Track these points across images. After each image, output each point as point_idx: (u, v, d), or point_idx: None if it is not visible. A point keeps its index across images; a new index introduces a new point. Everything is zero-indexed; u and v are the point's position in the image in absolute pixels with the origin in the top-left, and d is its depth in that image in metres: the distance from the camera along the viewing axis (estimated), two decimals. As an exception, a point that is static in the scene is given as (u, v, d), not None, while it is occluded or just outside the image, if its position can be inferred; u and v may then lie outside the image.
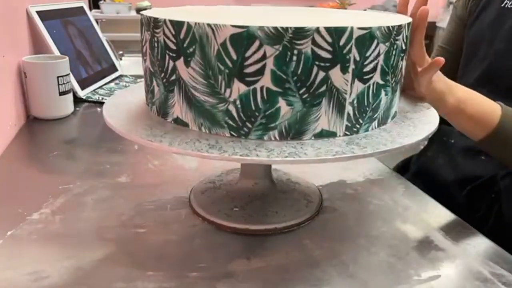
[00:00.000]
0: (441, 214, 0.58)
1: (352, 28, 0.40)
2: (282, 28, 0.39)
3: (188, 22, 0.41)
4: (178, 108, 0.46)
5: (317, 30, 0.39)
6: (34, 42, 0.97)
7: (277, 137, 0.43)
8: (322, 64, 0.41)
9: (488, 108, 0.60)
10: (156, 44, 0.45)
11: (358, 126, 0.45)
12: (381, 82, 0.45)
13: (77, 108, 0.93)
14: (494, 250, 0.50)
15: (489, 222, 0.68)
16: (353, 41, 0.41)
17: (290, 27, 0.39)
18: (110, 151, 0.72)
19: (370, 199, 0.60)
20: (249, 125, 0.43)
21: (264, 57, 0.40)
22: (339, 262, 0.47)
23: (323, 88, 0.42)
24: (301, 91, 0.41)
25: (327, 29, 0.40)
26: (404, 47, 0.47)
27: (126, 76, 1.20)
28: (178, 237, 0.51)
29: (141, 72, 0.52)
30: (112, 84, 1.11)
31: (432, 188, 0.66)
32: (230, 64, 0.41)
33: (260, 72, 0.40)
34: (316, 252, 0.49)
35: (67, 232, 0.51)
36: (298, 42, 0.39)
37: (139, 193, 0.60)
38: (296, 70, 0.41)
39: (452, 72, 0.84)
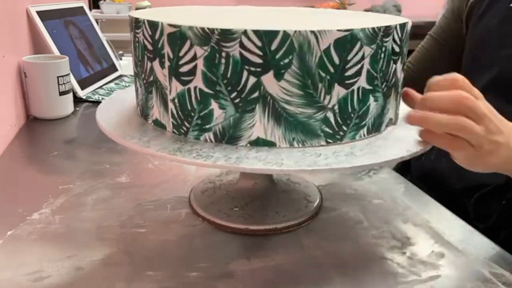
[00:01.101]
0: (441, 214, 0.58)
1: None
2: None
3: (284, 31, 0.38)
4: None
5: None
6: (34, 42, 0.97)
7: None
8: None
9: None
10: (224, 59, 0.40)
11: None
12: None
13: (77, 108, 0.93)
14: (494, 250, 0.50)
15: (501, 231, 0.66)
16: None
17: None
18: (110, 151, 0.72)
19: (370, 199, 0.60)
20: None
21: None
22: (339, 262, 0.47)
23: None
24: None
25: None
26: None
27: (126, 76, 1.20)
28: (178, 237, 0.51)
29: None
30: (112, 84, 1.11)
31: (437, 194, 0.64)
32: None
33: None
34: (316, 252, 0.49)
35: (67, 232, 0.51)
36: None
37: (139, 193, 0.60)
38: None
39: (443, 63, 0.82)
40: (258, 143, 0.42)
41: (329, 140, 0.43)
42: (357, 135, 0.44)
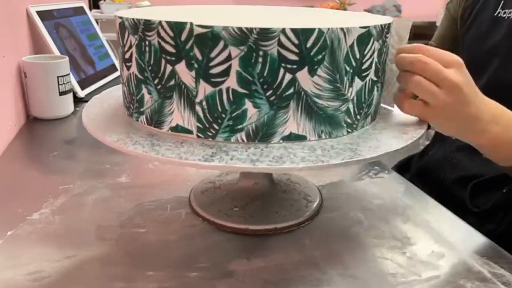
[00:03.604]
0: (442, 214, 0.58)
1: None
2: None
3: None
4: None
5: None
6: (34, 42, 0.97)
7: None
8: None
9: None
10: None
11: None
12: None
13: (77, 108, 0.93)
14: (494, 250, 0.50)
15: (497, 216, 0.67)
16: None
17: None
18: (110, 151, 0.72)
19: (370, 199, 0.60)
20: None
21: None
22: (339, 262, 0.47)
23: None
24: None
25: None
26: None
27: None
28: (178, 237, 0.51)
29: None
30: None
31: (433, 188, 0.65)
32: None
33: None
34: (316, 252, 0.49)
35: (67, 232, 0.51)
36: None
37: (139, 193, 0.60)
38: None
39: None
40: (291, 137, 0.43)
41: (349, 130, 0.46)
42: (365, 124, 0.48)
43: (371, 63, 0.45)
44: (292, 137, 0.43)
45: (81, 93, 0.98)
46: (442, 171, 0.75)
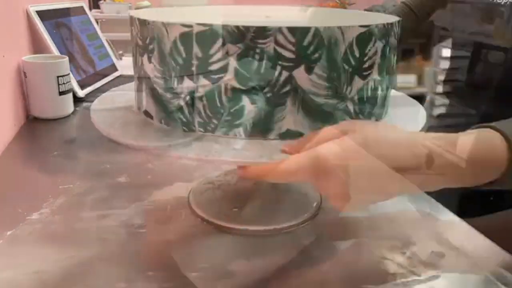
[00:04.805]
0: (442, 214, 0.57)
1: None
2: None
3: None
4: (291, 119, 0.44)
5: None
6: (34, 42, 0.97)
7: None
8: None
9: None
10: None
11: None
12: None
13: (77, 108, 0.93)
14: (494, 250, 0.50)
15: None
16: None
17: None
18: (110, 151, 0.72)
19: (370, 199, 0.60)
20: None
21: None
22: (339, 262, 0.47)
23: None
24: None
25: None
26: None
27: (126, 76, 1.20)
28: (178, 237, 0.51)
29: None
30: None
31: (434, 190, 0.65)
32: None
33: None
34: (316, 252, 0.49)
35: (67, 232, 0.51)
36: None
37: (139, 193, 0.60)
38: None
39: (410, 30, 0.83)
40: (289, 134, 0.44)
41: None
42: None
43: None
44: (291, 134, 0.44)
45: (81, 93, 0.98)
46: None
